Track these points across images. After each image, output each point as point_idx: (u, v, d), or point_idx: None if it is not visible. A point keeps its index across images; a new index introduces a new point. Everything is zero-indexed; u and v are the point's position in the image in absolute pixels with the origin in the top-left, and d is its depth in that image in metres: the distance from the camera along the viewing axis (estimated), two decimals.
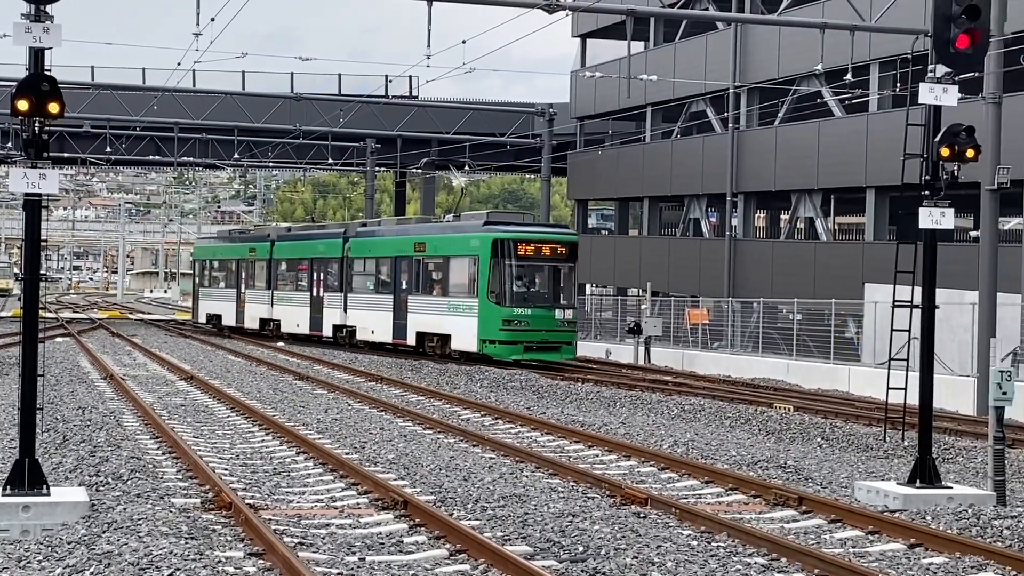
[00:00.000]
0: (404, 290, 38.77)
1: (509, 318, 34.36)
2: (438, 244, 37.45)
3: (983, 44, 14.90)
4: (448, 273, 36.81)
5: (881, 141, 36.97)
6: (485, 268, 34.67)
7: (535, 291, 35.34)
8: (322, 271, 44.05)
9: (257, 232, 54.51)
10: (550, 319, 34.57)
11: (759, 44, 45.14)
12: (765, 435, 21.46)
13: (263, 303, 48.86)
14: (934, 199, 14.96)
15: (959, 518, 13.37)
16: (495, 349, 34.56)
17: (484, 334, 34.76)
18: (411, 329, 38.20)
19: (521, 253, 34.68)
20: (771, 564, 11.20)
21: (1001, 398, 14.69)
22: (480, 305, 34.90)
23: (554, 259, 35.28)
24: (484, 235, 35.01)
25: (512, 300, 34.52)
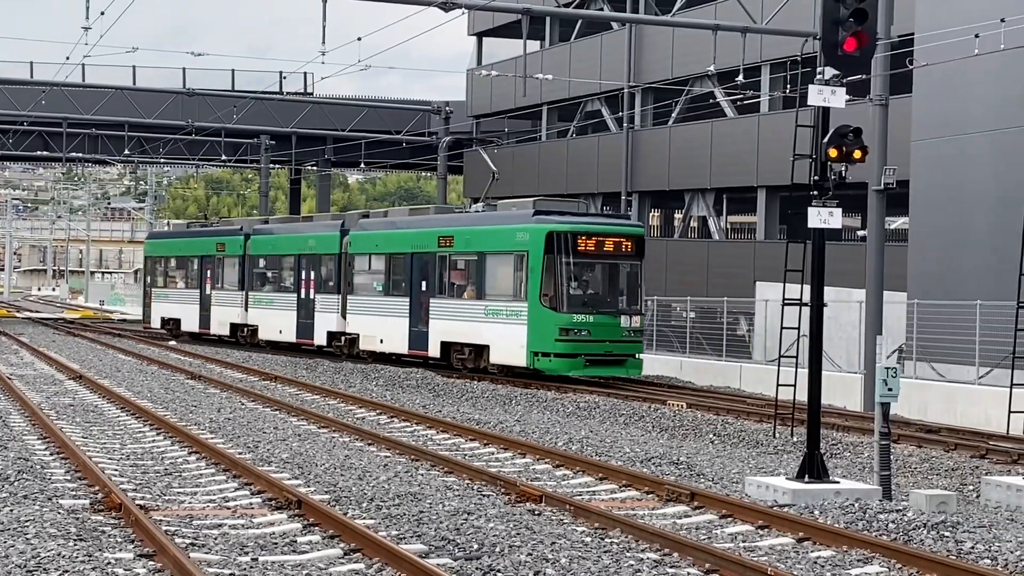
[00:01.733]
0: (424, 292, 32.81)
1: (568, 326, 28.70)
2: (471, 238, 31.53)
3: (870, 47, 15.20)
4: (484, 272, 31.03)
5: (772, 142, 37.53)
6: (537, 266, 28.96)
7: (597, 294, 30.00)
8: (313, 269, 38.15)
9: (226, 225, 48.89)
10: (615, 327, 28.90)
11: (653, 45, 45.57)
12: (658, 432, 21.67)
13: (235, 306, 42.78)
14: (822, 199, 15.22)
15: (846, 512, 13.64)
16: (550, 363, 28.84)
17: (536, 345, 29.00)
18: (433, 338, 32.30)
19: (582, 248, 29.15)
20: (663, 559, 11.32)
21: (887, 394, 15.00)
22: (531, 310, 29.15)
23: (619, 255, 29.81)
24: (536, 227, 29.27)
25: (571, 305, 28.92)
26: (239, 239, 42.86)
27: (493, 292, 30.70)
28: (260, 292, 41.37)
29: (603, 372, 29.26)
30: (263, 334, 41.06)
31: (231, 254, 43.35)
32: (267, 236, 41.60)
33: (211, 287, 44.49)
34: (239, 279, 42.67)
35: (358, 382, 30.09)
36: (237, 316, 42.62)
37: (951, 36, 26.85)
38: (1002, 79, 27.31)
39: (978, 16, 26.29)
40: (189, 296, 46.26)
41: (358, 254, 36.14)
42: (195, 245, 46.47)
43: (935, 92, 30.13)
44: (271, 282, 41.17)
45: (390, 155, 61.19)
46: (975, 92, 28.89)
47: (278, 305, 40.04)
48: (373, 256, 35.55)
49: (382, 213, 38.04)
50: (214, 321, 44.06)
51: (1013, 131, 27.97)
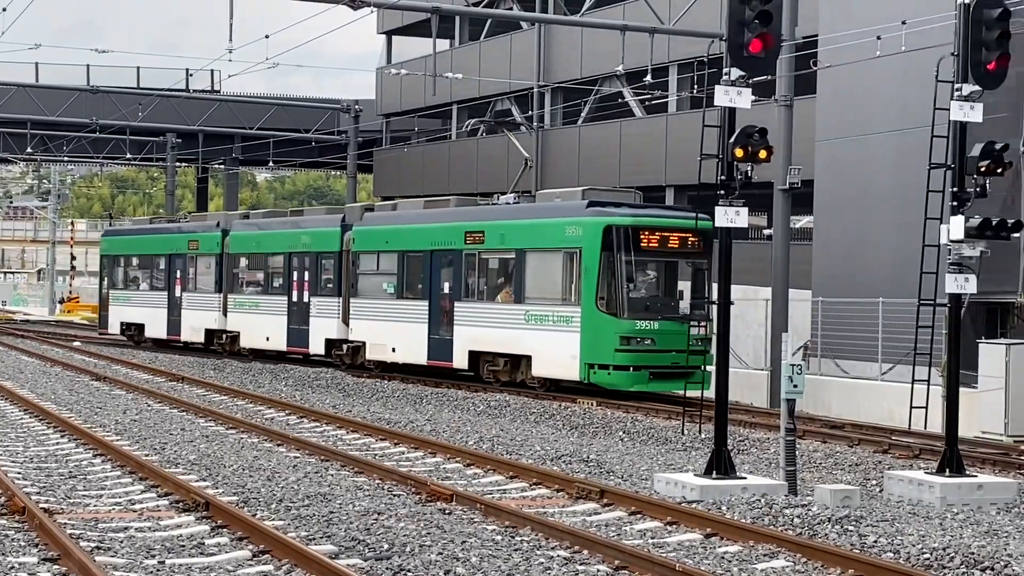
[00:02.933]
0: (447, 295, 29.16)
1: (630, 334, 25.03)
2: (508, 233, 27.74)
3: (775, 48, 15.40)
4: (524, 272, 27.14)
5: (680, 141, 37.87)
6: (593, 265, 25.33)
7: (662, 297, 26.48)
8: (308, 269, 34.04)
9: (198, 220, 42.94)
10: (681, 335, 24.47)
11: (562, 44, 45.78)
12: (569, 430, 21.78)
13: (210, 310, 38.19)
14: (729, 198, 15.40)
15: (753, 507, 13.82)
16: (609, 377, 25.20)
17: (592, 356, 25.28)
18: (460, 347, 28.54)
19: (645, 245, 25.51)
20: (573, 557, 11.39)
21: (792, 391, 15.22)
22: (585, 316, 25.46)
23: (685, 252, 26.17)
24: (591, 221, 25.55)
25: (633, 310, 25.28)
26: (215, 236, 38.27)
27: (535, 295, 26.91)
28: (242, 295, 37.00)
29: (669, 387, 25.58)
30: (246, 341, 36.59)
31: (206, 252, 38.65)
32: (250, 232, 37.26)
33: (181, 289, 39.87)
34: (216, 280, 38.01)
35: (267, 382, 29.85)
36: (213, 321, 38.05)
37: (854, 38, 27.29)
38: (903, 81, 27.81)
39: (880, 18, 26.75)
40: (155, 299, 41.46)
41: (364, 252, 32.05)
42: (162, 242, 41.58)
43: (838, 93, 30.60)
44: (255, 284, 36.84)
45: (299, 154, 60.79)
46: (877, 93, 29.39)
47: (264, 309, 35.75)
48: (383, 254, 31.51)
49: (390, 206, 33.47)
50: (185, 327, 39.57)
51: (914, 132, 28.50)
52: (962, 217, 15.56)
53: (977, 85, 15.53)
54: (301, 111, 58.82)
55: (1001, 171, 15.60)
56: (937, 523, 13.47)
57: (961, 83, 15.55)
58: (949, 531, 12.95)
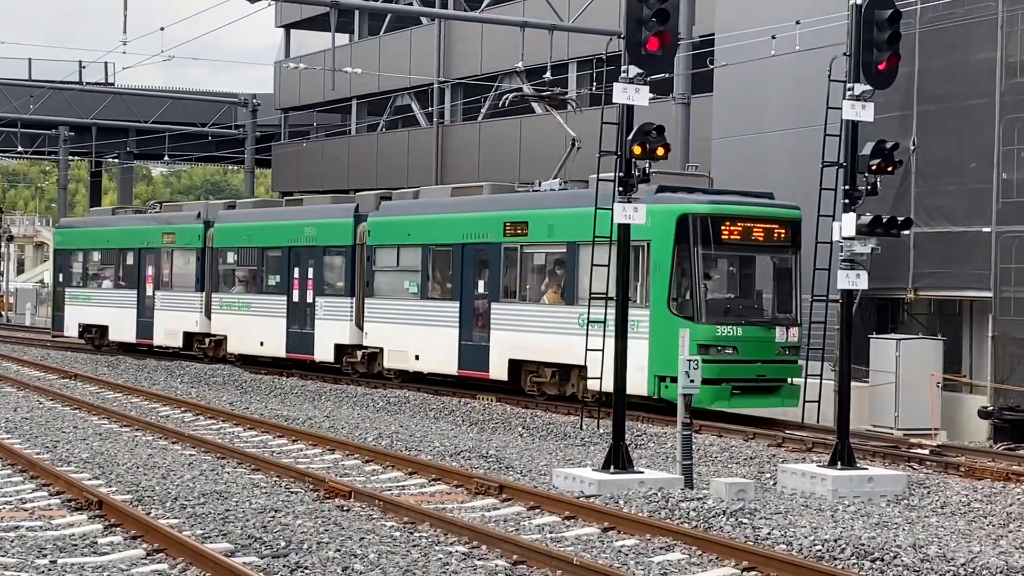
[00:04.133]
0: (481, 295, 25.44)
1: (709, 341, 21.36)
2: (557, 223, 23.96)
3: (672, 46, 15.56)
4: (577, 268, 23.28)
5: (580, 138, 38.01)
6: (664, 261, 21.76)
7: (745, 298, 22.99)
8: (312, 266, 30.03)
9: (173, 211, 37.85)
10: (768, 343, 21.91)
11: (462, 40, 45.78)
12: (468, 426, 21.80)
13: (190, 310, 33.98)
14: (627, 195, 15.53)
15: (650, 501, 13.95)
16: None
17: (663, 367, 21.29)
18: (497, 355, 24.79)
19: (726, 237, 22.06)
20: (472, 552, 11.41)
21: (689, 386, 15.40)
22: (654, 320, 21.69)
23: (771, 246, 22.66)
24: (662, 209, 21.61)
25: (713, 313, 21.85)
26: (196, 228, 34.12)
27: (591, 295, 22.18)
28: (229, 294, 32.72)
29: (754, 404, 22.18)
30: (234, 346, 32.47)
31: (185, 246, 34.51)
32: (239, 224, 32.98)
33: (154, 287, 35.61)
34: (197, 277, 33.90)
35: (162, 379, 29.47)
36: (194, 324, 33.80)
37: (749, 37, 27.65)
38: (798, 80, 28.22)
39: (775, 18, 27.13)
40: (121, 298, 37.04)
41: (381, 246, 28.14)
42: (130, 235, 37.18)
43: (735, 92, 30.97)
44: (246, 282, 32.57)
45: (195, 148, 60.12)
46: (773, 92, 29.79)
47: (258, 310, 31.58)
48: (404, 248, 27.58)
49: (411, 194, 29.27)
50: (159, 329, 35.24)
51: (808, 131, 28.95)
52: (854, 214, 15.84)
53: (868, 85, 15.82)
54: (197, 105, 58.15)
55: (891, 169, 15.92)
56: (829, 515, 13.70)
57: (853, 83, 15.83)
58: (840, 523, 13.18)
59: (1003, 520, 13.78)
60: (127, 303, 36.71)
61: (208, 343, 33.41)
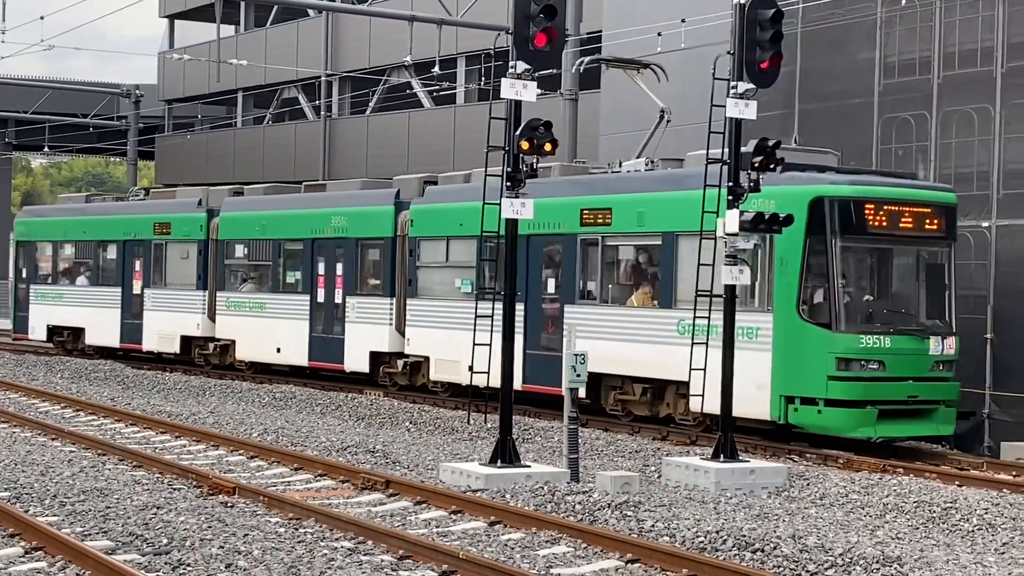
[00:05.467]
0: (552, 295, 21.65)
1: (851, 354, 17.83)
2: (649, 210, 20.17)
3: (560, 43, 15.65)
4: (676, 265, 19.65)
5: (468, 132, 38.13)
6: (794, 255, 18.12)
7: (893, 302, 19.15)
8: (342, 260, 25.95)
9: (165, 198, 33.24)
10: (921, 356, 18.25)
11: (351, 33, 45.54)
12: (355, 421, 21.71)
13: (190, 311, 29.75)
14: (515, 190, 15.58)
15: (536, 495, 14.03)
16: (820, 417, 17.93)
17: (791, 385, 18.07)
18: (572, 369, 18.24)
19: (872, 225, 18.35)
20: (357, 547, 11.38)
21: (575, 380, 15.51)
22: (780, 328, 18.18)
23: (924, 237, 18.88)
24: (791, 191, 18.14)
25: (855, 320, 18.24)
26: (198, 217, 29.82)
27: (693, 295, 17.75)
28: (238, 293, 28.61)
29: (905, 431, 18.59)
30: (244, 352, 28.32)
31: (182, 238, 30.20)
32: (250, 213, 28.65)
33: (143, 284, 31.32)
34: (198, 274, 29.69)
35: (41, 375, 28.87)
36: (195, 326, 29.63)
37: (636, 34, 27.90)
38: (683, 77, 28.55)
39: (661, 16, 27.41)
40: (102, 297, 32.56)
41: (427, 239, 24.11)
42: (112, 226, 32.62)
43: (622, 88, 31.22)
44: (258, 279, 28.52)
45: (77, 139, 58.97)
46: (659, 89, 30.09)
47: (273, 312, 27.50)
48: (455, 241, 23.46)
49: (462, 177, 24.82)
50: (150, 332, 30.86)
51: (693, 127, 29.32)
52: (737, 211, 16.07)
53: (751, 83, 16.06)
54: (79, 95, 56.99)
55: (773, 167, 16.16)
56: (712, 507, 13.91)
57: (737, 81, 16.06)
58: (723, 515, 13.39)
59: (879, 511, 14.11)
60: (109, 302, 32.25)
61: (212, 348, 29.27)
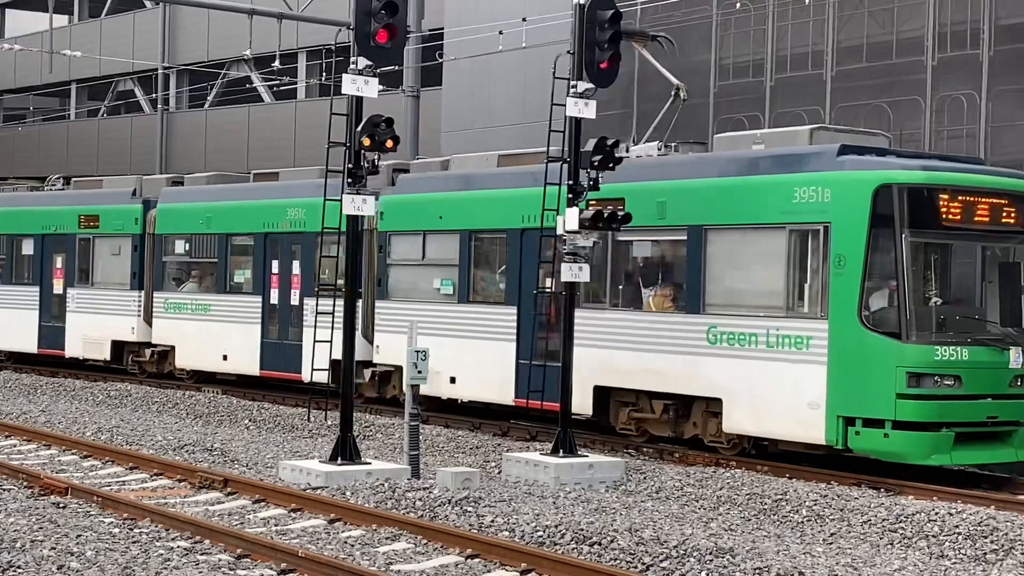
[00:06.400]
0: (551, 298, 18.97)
1: (924, 368, 15.32)
2: (672, 200, 17.60)
3: (401, 39, 15.64)
4: (706, 263, 17.18)
5: (309, 128, 37.86)
6: (855, 252, 15.55)
7: (969, 307, 16.69)
8: (300, 258, 23.29)
9: (92, 188, 29.29)
10: (1001, 370, 15.76)
11: (189, 26, 44.82)
12: (193, 419, 21.39)
13: (122, 313, 26.99)
14: (356, 186, 15.53)
15: (376, 492, 14.02)
16: (888, 441, 15.32)
17: (851, 404, 15.58)
18: (578, 380, 17.25)
19: (947, 219, 15.74)
20: (194, 547, 11.24)
21: (416, 377, 15.54)
22: (838, 337, 15.67)
23: (1001, 232, 16.28)
24: (851, 177, 15.72)
25: (927, 328, 15.75)
26: (132, 209, 26.94)
27: (728, 299, 16.91)
28: (179, 293, 25.90)
29: (982, 457, 16.01)
30: (185, 359, 25.67)
31: (114, 232, 27.31)
32: (192, 205, 25.85)
33: (65, 283, 28.30)
34: (133, 272, 26.83)
35: None
36: (129, 331, 26.88)
37: (477, 32, 28.04)
38: (524, 75, 28.80)
39: (503, 14, 27.61)
40: (14, 297, 29.44)
41: (399, 233, 21.61)
42: (26, 218, 29.51)
43: (463, 85, 31.37)
44: (202, 278, 25.88)
45: None
46: (500, 87, 30.32)
47: (219, 314, 24.80)
48: (432, 236, 21.01)
49: (439, 164, 22.34)
50: (74, 337, 27.86)
51: (534, 126, 29.60)
52: (577, 209, 16.27)
53: (591, 83, 16.27)
54: None
55: (612, 166, 16.40)
56: (551, 502, 14.07)
57: (576, 80, 16.26)
58: (562, 509, 13.55)
59: (713, 503, 14.44)
60: (23, 303, 29.00)
61: (149, 355, 26.58)
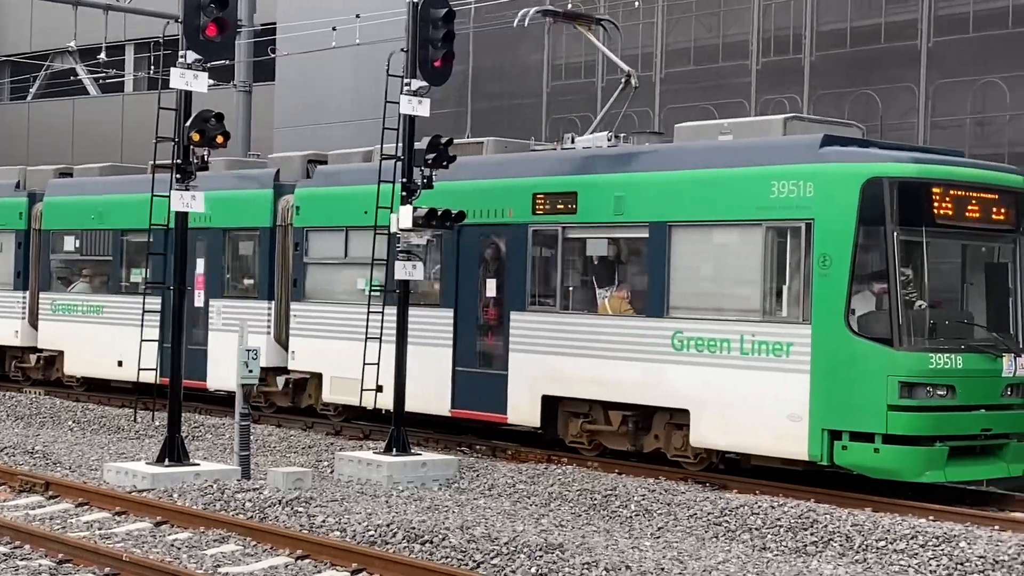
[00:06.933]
0: (493, 299, 17.75)
1: (918, 378, 14.14)
2: (631, 194, 16.24)
3: (231, 33, 15.38)
4: (668, 261, 15.86)
5: (137, 122, 37.08)
6: (842, 251, 14.35)
7: (961, 311, 15.52)
8: (204, 256, 21.31)
9: None
10: (994, 379, 14.65)
11: (10, 15, 43.52)
12: (14, 420, 20.75)
13: (7, 315, 24.86)
14: (185, 182, 15.24)
15: (205, 493, 13.77)
16: (879, 456, 14.13)
17: (837, 417, 14.36)
18: (522, 390, 17.08)
19: (940, 215, 14.56)
20: (14, 552, 10.91)
21: (248, 376, 15.33)
22: (822, 343, 14.46)
23: (993, 231, 15.20)
24: (835, 170, 14.53)
25: (920, 334, 14.42)
26: (16, 203, 24.76)
27: (697, 302, 15.72)
28: (68, 294, 23.87)
29: (976, 473, 14.85)
30: (75, 366, 23.67)
31: None
32: (83, 199, 23.70)
33: None
34: (16, 271, 24.70)
35: None
36: (12, 334, 24.77)
37: (311, 28, 27.78)
38: (357, 72, 28.65)
39: (336, 10, 27.41)
40: None
41: (317, 230, 19.85)
42: None
43: (296, 81, 31.07)
44: (94, 278, 23.75)
45: None
46: (334, 83, 30.11)
47: (113, 316, 22.65)
48: (356, 233, 19.00)
49: (360, 155, 20.44)
50: None
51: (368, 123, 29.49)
52: (411, 207, 16.23)
53: (424, 81, 16.25)
54: None
55: (446, 164, 16.42)
56: (384, 501, 14.02)
57: (410, 78, 16.23)
58: (394, 508, 13.51)
59: (545, 499, 14.55)
60: None
61: (35, 361, 24.60)
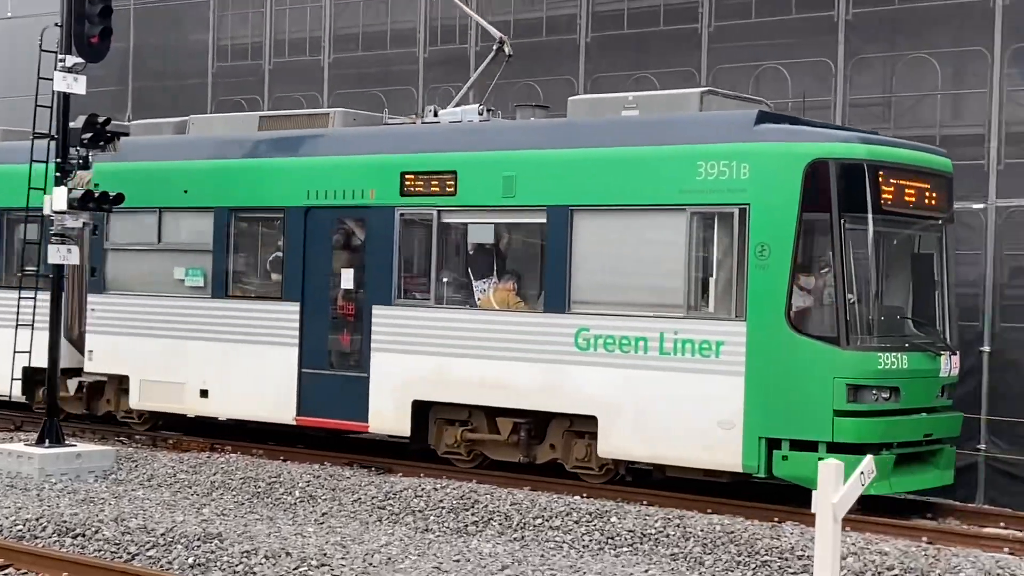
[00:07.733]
0: (352, 292, 15.85)
1: (866, 380, 12.94)
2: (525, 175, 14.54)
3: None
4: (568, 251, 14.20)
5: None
6: (782, 240, 12.99)
7: (902, 306, 14.19)
8: None
9: None
10: (932, 380, 13.67)
11: None
12: None
13: None
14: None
15: None
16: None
17: (776, 424, 13.08)
18: (385, 394, 15.33)
19: (887, 201, 13.30)
20: None
21: None
22: (757, 342, 13.10)
23: (930, 218, 14.10)
24: (773, 150, 13.13)
25: (867, 332, 13.16)
26: None
27: (605, 296, 14.10)
28: None
29: (918, 482, 13.72)
30: None
31: None
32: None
33: None
34: None
35: None
36: None
37: None
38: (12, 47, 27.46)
39: None
40: None
41: (120, 211, 16.53)
42: None
43: None
44: None
45: None
46: None
47: None
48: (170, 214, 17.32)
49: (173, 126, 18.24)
50: None
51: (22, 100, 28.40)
52: (65, 188, 15.65)
53: (80, 57, 15.70)
54: None
55: (103, 144, 15.95)
56: (35, 494, 13.52)
57: (65, 54, 15.64)
58: (46, 501, 13.04)
59: (207, 489, 14.32)
60: None
61: None
